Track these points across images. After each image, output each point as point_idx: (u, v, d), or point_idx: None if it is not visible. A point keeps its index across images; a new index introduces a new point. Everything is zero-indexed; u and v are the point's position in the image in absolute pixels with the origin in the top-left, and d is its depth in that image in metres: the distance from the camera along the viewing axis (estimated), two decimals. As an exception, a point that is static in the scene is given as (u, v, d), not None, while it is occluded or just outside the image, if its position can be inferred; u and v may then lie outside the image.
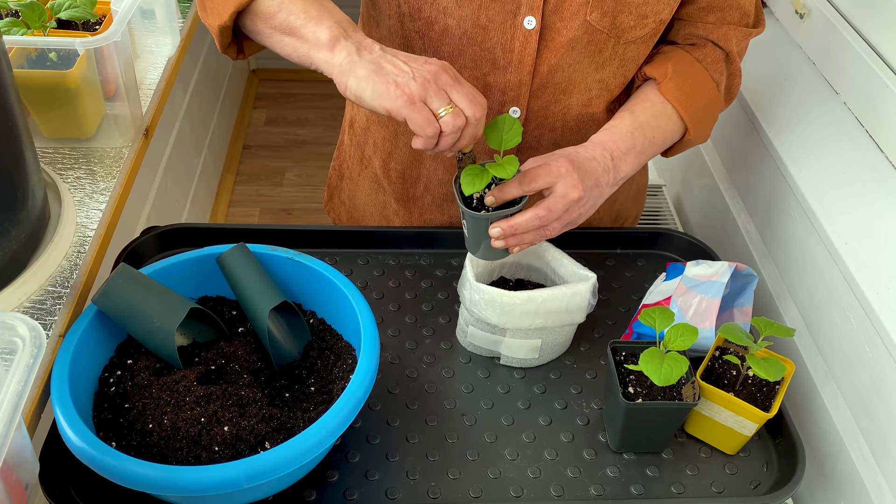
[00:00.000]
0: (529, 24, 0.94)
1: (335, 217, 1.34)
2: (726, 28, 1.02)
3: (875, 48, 1.10)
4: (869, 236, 1.01)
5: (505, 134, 0.87)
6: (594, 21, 0.94)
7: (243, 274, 0.90)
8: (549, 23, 0.94)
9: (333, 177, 1.31)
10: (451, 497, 0.84)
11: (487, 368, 0.99)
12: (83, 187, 1.04)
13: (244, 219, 2.76)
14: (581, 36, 0.95)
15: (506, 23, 0.94)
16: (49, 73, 1.03)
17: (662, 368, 0.82)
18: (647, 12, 0.95)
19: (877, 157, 1.07)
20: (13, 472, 0.70)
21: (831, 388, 1.05)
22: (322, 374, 0.89)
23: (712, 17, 1.02)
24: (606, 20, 0.94)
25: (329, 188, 1.34)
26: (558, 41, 0.95)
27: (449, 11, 0.95)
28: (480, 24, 0.95)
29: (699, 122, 1.04)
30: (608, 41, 0.96)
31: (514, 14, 0.94)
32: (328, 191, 1.34)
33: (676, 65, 1.02)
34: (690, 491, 0.87)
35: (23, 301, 0.89)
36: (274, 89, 3.36)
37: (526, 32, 0.94)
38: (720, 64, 1.04)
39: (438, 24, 0.96)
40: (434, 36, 0.97)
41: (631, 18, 0.94)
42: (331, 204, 1.34)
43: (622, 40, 0.97)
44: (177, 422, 0.78)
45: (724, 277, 0.96)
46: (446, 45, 0.97)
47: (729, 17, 1.02)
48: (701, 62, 1.03)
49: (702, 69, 1.03)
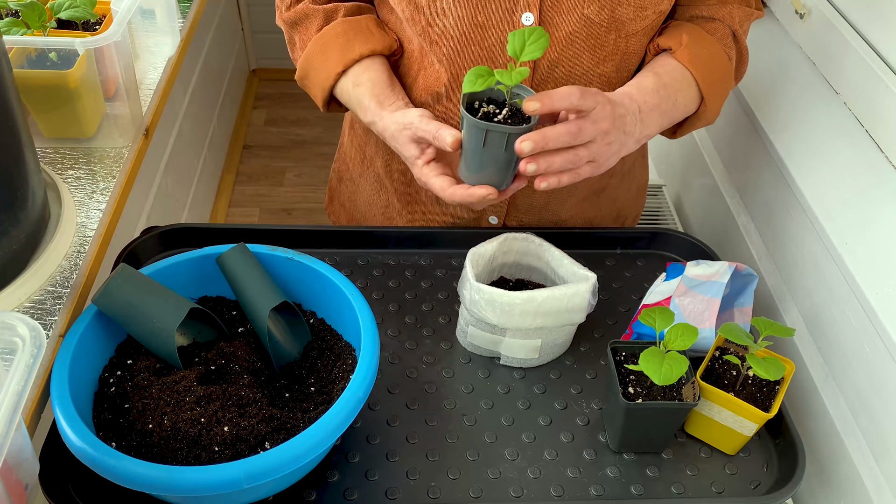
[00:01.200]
0: (527, 20, 0.94)
1: (335, 221, 1.34)
2: (730, 7, 1.03)
3: (875, 48, 1.10)
4: (869, 236, 1.01)
5: (527, 44, 0.82)
6: (592, 14, 0.94)
7: (243, 274, 0.90)
8: (547, 18, 0.94)
9: (333, 179, 1.32)
10: (451, 497, 0.84)
11: (487, 368, 0.99)
12: (83, 187, 1.04)
13: (244, 219, 2.76)
14: (580, 30, 0.95)
15: (504, 20, 0.94)
16: (49, 73, 1.03)
17: (662, 368, 0.82)
18: (646, 3, 0.95)
19: (877, 157, 1.07)
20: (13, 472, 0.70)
21: (831, 388, 1.05)
22: (322, 374, 0.89)
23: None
24: (605, 13, 0.94)
25: (329, 191, 1.34)
26: (557, 36, 0.95)
27: (447, 12, 0.95)
28: (478, 22, 0.95)
29: (714, 94, 1.02)
30: (609, 35, 0.96)
31: (512, 11, 0.94)
32: (329, 194, 1.34)
33: (691, 34, 1.01)
34: (690, 491, 0.87)
35: (23, 301, 0.89)
36: (274, 89, 3.36)
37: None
38: (729, 39, 1.04)
39: (437, 25, 0.96)
40: (433, 38, 0.98)
41: (630, 10, 0.94)
42: (331, 207, 1.34)
43: (623, 33, 0.97)
44: (177, 422, 0.78)
45: (724, 277, 0.96)
46: (445, 45, 0.98)
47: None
48: (713, 35, 1.02)
49: (714, 41, 1.02)
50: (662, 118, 0.98)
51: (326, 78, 1.04)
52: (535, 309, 0.92)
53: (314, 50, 1.05)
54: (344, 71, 1.03)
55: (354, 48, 1.02)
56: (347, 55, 1.02)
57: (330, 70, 1.03)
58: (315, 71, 1.05)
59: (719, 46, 1.02)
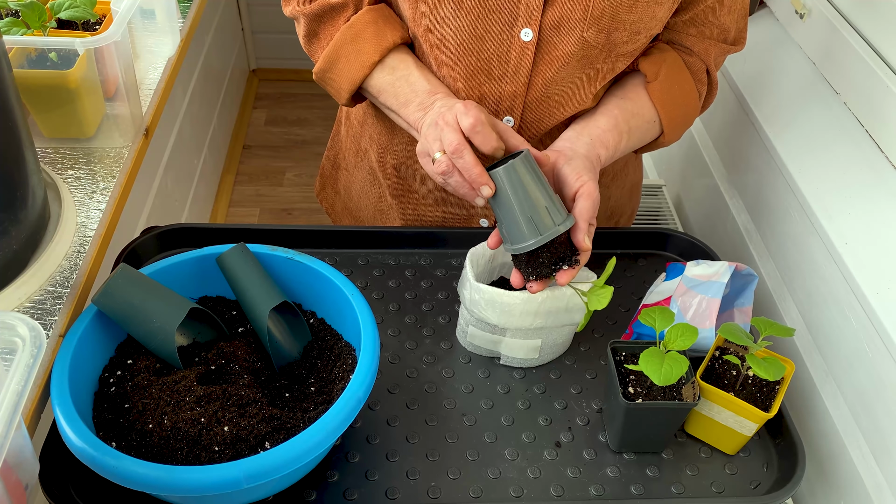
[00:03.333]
0: (526, 36, 0.94)
1: (328, 206, 1.34)
2: (707, 43, 1.04)
3: (875, 48, 1.10)
4: (869, 236, 1.01)
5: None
6: (590, 38, 0.95)
7: (243, 274, 0.90)
8: (546, 36, 0.95)
9: (327, 166, 1.32)
10: (451, 497, 0.84)
11: (487, 368, 0.99)
12: (83, 187, 1.04)
13: (244, 219, 2.76)
14: (577, 51, 0.96)
15: (503, 34, 0.95)
16: (49, 73, 1.03)
17: (662, 368, 0.82)
18: (640, 28, 0.96)
19: (877, 157, 1.07)
20: (13, 472, 0.70)
21: (831, 388, 1.05)
22: (322, 374, 0.89)
23: (693, 31, 1.04)
24: (602, 37, 0.95)
25: (322, 178, 1.34)
26: (554, 55, 0.96)
27: (447, 21, 0.95)
28: (477, 34, 0.95)
29: (675, 129, 1.07)
30: (599, 55, 0.98)
31: (512, 26, 0.94)
32: (320, 180, 1.34)
33: (670, 67, 1.04)
34: (690, 491, 0.87)
35: (23, 301, 0.89)
36: (274, 89, 3.36)
37: (522, 44, 0.95)
38: (703, 75, 1.07)
39: (437, 32, 0.97)
40: (433, 44, 0.98)
41: (624, 35, 0.96)
42: (323, 193, 1.34)
43: (613, 54, 0.98)
44: (177, 422, 0.78)
45: (724, 277, 0.96)
46: (444, 53, 0.98)
47: (709, 33, 1.04)
48: (689, 68, 1.05)
49: (689, 77, 1.05)
50: (612, 156, 1.02)
51: (360, 67, 1.00)
52: (536, 309, 0.92)
53: (344, 39, 1.01)
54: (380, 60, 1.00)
55: (387, 36, 1.00)
56: (381, 43, 0.99)
57: (364, 60, 1.00)
58: (345, 60, 1.01)
59: (692, 84, 1.06)
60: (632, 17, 0.94)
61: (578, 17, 0.93)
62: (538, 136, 1.05)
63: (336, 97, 1.06)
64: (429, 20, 0.96)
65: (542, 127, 1.04)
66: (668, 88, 1.03)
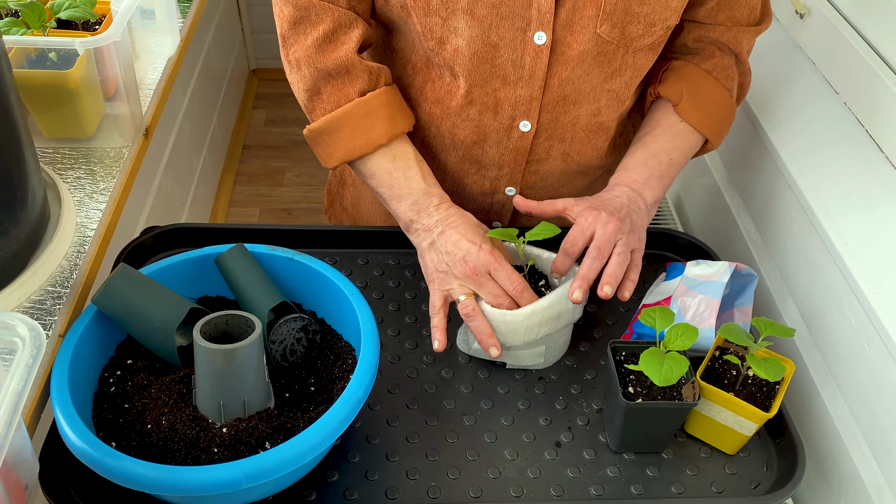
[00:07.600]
0: (540, 39, 0.94)
1: (337, 223, 1.33)
2: (737, 30, 1.04)
3: (875, 48, 1.10)
4: (869, 236, 1.01)
5: None
6: (604, 33, 0.94)
7: (242, 274, 0.90)
8: (559, 37, 0.94)
9: (334, 183, 1.31)
10: (451, 497, 0.84)
11: (487, 369, 0.99)
12: (83, 187, 1.04)
13: (244, 219, 2.76)
14: (591, 48, 0.95)
15: (516, 39, 0.94)
16: (49, 73, 1.03)
17: (662, 368, 0.82)
18: (654, 20, 0.95)
19: (877, 157, 1.07)
20: (13, 472, 0.70)
21: (831, 388, 1.05)
22: (322, 374, 0.89)
23: (723, 16, 1.03)
24: (616, 31, 0.94)
25: (329, 194, 1.33)
26: (569, 55, 0.95)
27: (460, 31, 0.94)
28: (491, 42, 0.94)
29: (719, 133, 1.08)
30: (617, 51, 0.97)
31: (525, 30, 0.93)
32: (328, 197, 1.34)
33: (690, 84, 1.05)
34: (690, 491, 0.87)
35: (23, 301, 0.89)
36: (274, 89, 3.36)
37: (536, 48, 0.94)
38: (731, 69, 1.06)
39: (450, 43, 0.96)
40: (446, 55, 0.97)
41: (639, 28, 0.95)
42: (332, 210, 1.33)
43: (631, 49, 0.97)
44: (176, 422, 0.78)
45: (724, 277, 0.96)
46: (458, 63, 0.97)
47: (738, 15, 1.03)
48: (711, 73, 1.05)
49: (713, 81, 1.05)
50: (661, 181, 1.03)
51: (364, 144, 0.99)
52: (539, 320, 0.92)
53: (356, 112, 0.99)
54: (386, 143, 1.00)
55: (398, 122, 1.00)
56: (392, 129, 0.99)
57: (371, 139, 0.99)
58: (350, 132, 0.99)
59: (719, 86, 1.06)
60: (645, 9, 0.93)
61: (591, 13, 0.92)
62: (554, 138, 1.04)
63: (322, 159, 1.04)
64: (441, 32, 0.95)
65: (559, 127, 1.03)
66: (696, 102, 1.04)
